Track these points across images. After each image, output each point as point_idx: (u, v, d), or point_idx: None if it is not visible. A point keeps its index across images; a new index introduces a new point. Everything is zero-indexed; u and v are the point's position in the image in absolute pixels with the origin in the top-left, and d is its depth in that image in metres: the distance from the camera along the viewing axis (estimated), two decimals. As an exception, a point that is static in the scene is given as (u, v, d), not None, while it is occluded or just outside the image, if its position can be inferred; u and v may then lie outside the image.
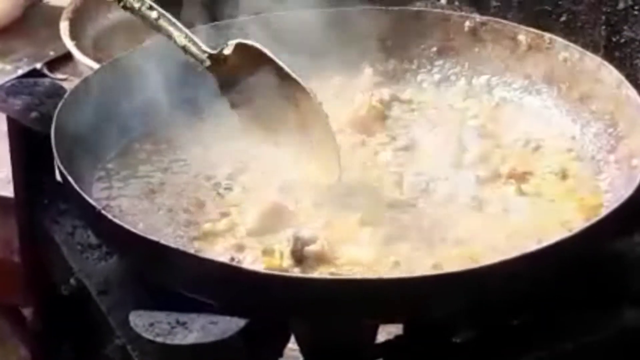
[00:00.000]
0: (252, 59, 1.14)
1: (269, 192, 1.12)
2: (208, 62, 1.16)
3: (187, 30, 1.17)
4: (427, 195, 1.12)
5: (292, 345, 1.09)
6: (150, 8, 1.18)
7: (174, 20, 1.18)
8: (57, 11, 1.94)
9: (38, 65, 1.90)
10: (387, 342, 1.09)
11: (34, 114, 1.20)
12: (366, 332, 1.08)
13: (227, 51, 1.15)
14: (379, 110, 1.24)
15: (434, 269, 1.02)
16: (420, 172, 1.15)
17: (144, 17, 1.18)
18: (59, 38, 1.82)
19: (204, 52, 1.16)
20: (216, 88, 1.18)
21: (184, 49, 1.16)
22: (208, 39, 1.21)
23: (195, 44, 1.16)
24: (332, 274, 1.03)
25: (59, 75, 1.88)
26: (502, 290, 0.99)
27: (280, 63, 1.12)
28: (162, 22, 1.18)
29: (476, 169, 1.16)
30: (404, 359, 1.06)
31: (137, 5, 1.18)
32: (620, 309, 1.06)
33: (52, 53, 1.92)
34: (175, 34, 1.17)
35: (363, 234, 1.07)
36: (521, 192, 1.13)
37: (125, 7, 1.20)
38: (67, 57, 1.85)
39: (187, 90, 1.26)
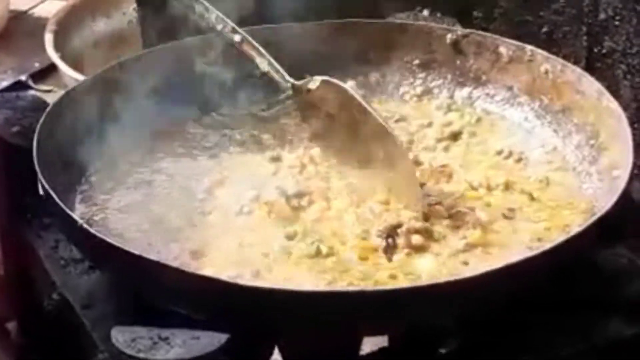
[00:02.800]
0: (335, 95, 1.16)
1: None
2: (290, 92, 1.19)
3: (270, 57, 1.20)
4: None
5: (277, 357, 1.09)
6: (234, 31, 1.20)
7: (256, 45, 1.21)
8: (42, 23, 1.94)
9: (22, 77, 1.90)
10: (372, 354, 1.09)
11: (15, 128, 1.20)
12: (351, 343, 1.08)
13: (313, 85, 1.18)
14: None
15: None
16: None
17: (227, 39, 1.21)
18: (44, 50, 1.82)
19: (287, 81, 1.19)
20: (297, 115, 1.21)
21: (267, 74, 1.20)
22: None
23: (278, 71, 1.20)
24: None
25: (44, 87, 1.88)
26: (482, 301, 0.99)
27: (365, 105, 1.13)
28: (245, 46, 1.21)
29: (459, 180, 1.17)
30: (389, 371, 1.06)
31: (219, 27, 1.20)
32: (603, 320, 1.06)
33: (36, 65, 1.92)
34: (258, 59, 1.21)
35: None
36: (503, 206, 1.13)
37: (208, 28, 1.21)
38: (52, 68, 1.85)
39: (170, 102, 1.26)
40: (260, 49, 1.20)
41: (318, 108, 1.18)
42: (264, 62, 1.20)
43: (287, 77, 1.19)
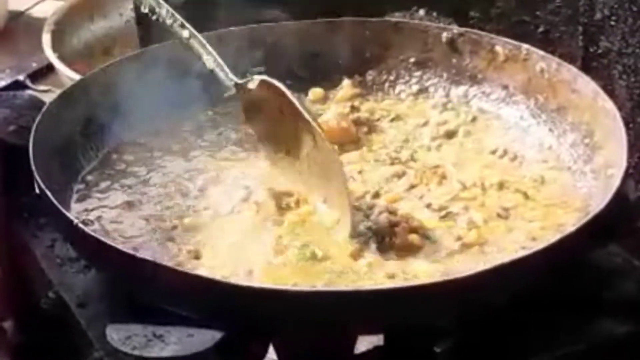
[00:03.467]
0: (274, 95, 1.15)
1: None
2: (234, 90, 1.18)
3: (216, 55, 1.20)
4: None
5: (272, 355, 1.09)
6: (182, 26, 1.21)
7: (204, 42, 1.20)
8: (40, 23, 1.94)
9: (20, 77, 1.91)
10: (367, 353, 1.09)
11: (12, 127, 1.20)
12: (346, 342, 1.08)
13: (252, 85, 1.17)
14: (356, 122, 1.25)
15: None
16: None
17: (176, 34, 1.21)
18: (41, 50, 1.83)
19: (231, 79, 1.19)
20: (241, 113, 1.20)
21: (212, 72, 1.19)
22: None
23: (222, 69, 1.19)
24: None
25: (41, 87, 1.88)
26: (476, 300, 0.99)
27: (300, 107, 1.12)
28: (193, 42, 1.21)
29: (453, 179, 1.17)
30: (384, 370, 1.06)
31: (169, 21, 1.20)
32: (597, 319, 1.06)
33: (34, 65, 1.92)
34: (205, 56, 1.20)
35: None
36: (498, 205, 1.13)
37: (158, 21, 1.22)
38: (50, 68, 1.86)
39: (166, 101, 1.27)
40: (208, 46, 1.20)
41: (260, 108, 1.18)
42: (210, 60, 1.19)
43: (231, 76, 1.19)
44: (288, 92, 1.13)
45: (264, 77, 1.17)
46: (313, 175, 1.13)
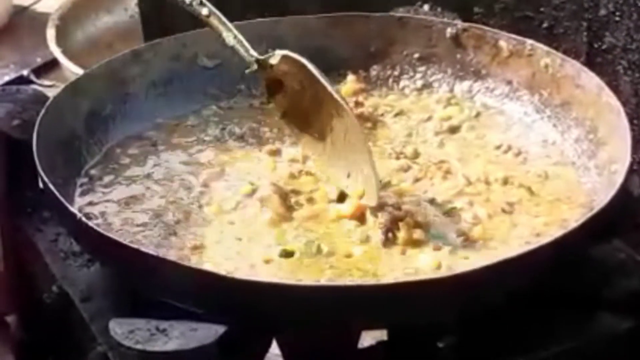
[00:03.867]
0: (297, 70, 1.15)
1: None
2: (255, 66, 1.17)
3: (236, 32, 1.18)
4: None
5: (275, 350, 1.09)
6: (201, 4, 1.19)
7: (224, 19, 1.19)
8: (44, 18, 1.95)
9: (25, 72, 1.91)
10: (371, 348, 1.09)
11: (16, 122, 1.20)
12: (349, 337, 1.08)
13: (274, 60, 1.16)
14: (360, 117, 1.24)
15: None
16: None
17: (195, 12, 1.19)
18: (46, 44, 1.83)
19: (252, 55, 1.17)
20: (263, 90, 1.19)
21: (232, 48, 1.18)
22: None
23: (243, 45, 1.18)
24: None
25: (46, 82, 1.88)
26: (480, 295, 0.99)
27: (322, 80, 1.12)
28: (213, 20, 1.19)
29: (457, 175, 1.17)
30: (388, 365, 1.06)
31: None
32: (601, 314, 1.06)
33: (38, 60, 1.93)
34: (225, 33, 1.18)
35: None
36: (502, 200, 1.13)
37: (177, 2, 1.19)
38: (54, 63, 1.86)
39: (170, 95, 1.27)
40: (227, 23, 1.18)
41: (282, 84, 1.17)
42: (230, 36, 1.18)
43: (252, 52, 1.18)
44: (310, 65, 1.13)
45: (286, 52, 1.16)
46: (336, 149, 1.13)
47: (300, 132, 1.18)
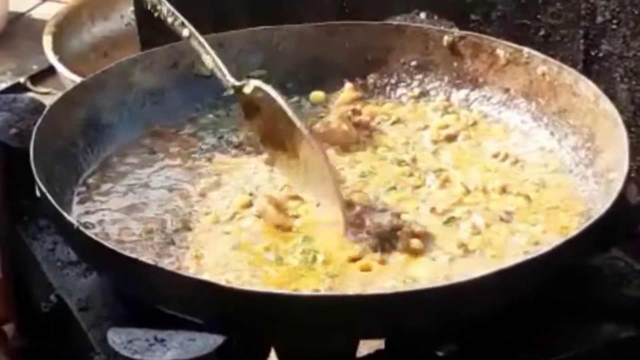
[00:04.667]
0: (268, 100, 1.16)
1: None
2: (232, 91, 1.19)
3: (214, 55, 1.20)
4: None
5: (274, 359, 1.09)
6: (183, 25, 1.20)
7: (203, 42, 1.20)
8: (41, 25, 1.95)
9: (21, 80, 1.91)
10: (368, 357, 1.09)
11: (13, 130, 1.20)
12: (347, 346, 1.08)
13: (247, 90, 1.18)
14: (357, 125, 1.25)
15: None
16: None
17: (177, 32, 1.21)
18: (42, 52, 1.83)
19: (228, 81, 1.19)
20: (240, 112, 1.21)
21: (212, 72, 1.20)
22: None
23: (220, 70, 1.19)
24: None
25: (42, 89, 1.88)
26: (478, 305, 0.99)
27: (290, 114, 1.13)
28: (193, 42, 1.20)
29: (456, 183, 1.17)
30: (386, 373, 1.06)
31: (170, 20, 1.20)
32: (599, 323, 1.06)
33: (35, 67, 1.93)
34: (204, 56, 1.20)
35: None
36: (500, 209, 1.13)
37: (160, 19, 1.22)
38: (50, 71, 1.86)
39: (167, 104, 1.27)
40: (207, 46, 1.20)
41: (258, 109, 1.18)
42: (208, 59, 1.19)
43: (228, 77, 1.19)
44: (280, 100, 1.14)
45: (258, 83, 1.18)
46: (309, 177, 1.14)
47: (277, 154, 1.18)
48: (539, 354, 1.03)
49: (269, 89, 1.16)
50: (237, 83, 1.19)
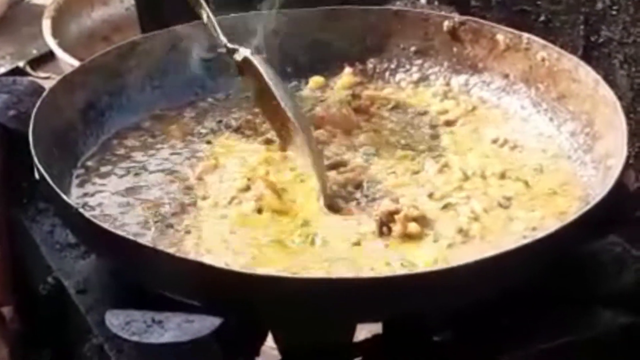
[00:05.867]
0: (255, 72, 1.18)
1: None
2: (224, 51, 1.22)
3: (209, 11, 1.23)
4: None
5: (270, 343, 1.09)
6: None
7: (204, 4, 1.22)
8: (40, 9, 1.95)
9: (20, 64, 1.91)
10: (366, 341, 1.09)
11: (12, 112, 1.20)
12: (344, 330, 1.08)
13: (238, 57, 1.21)
14: (356, 110, 1.25)
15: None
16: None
17: None
18: (42, 36, 1.83)
19: (221, 40, 1.22)
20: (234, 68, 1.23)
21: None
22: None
23: (215, 30, 1.22)
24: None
25: (42, 74, 1.88)
26: (476, 290, 0.99)
27: (274, 90, 1.16)
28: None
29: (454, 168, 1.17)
30: (383, 358, 1.06)
31: None
32: (595, 310, 1.06)
33: (34, 51, 1.93)
34: (199, 10, 1.22)
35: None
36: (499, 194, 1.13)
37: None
38: (50, 55, 1.86)
39: (166, 88, 1.27)
40: (207, 8, 1.23)
41: (253, 75, 1.20)
42: (204, 15, 1.22)
43: (222, 37, 1.22)
44: (266, 77, 1.16)
45: (248, 54, 1.20)
46: (296, 149, 1.16)
47: (271, 122, 1.20)
48: (536, 340, 1.03)
49: (257, 62, 1.18)
50: (230, 45, 1.21)
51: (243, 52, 1.20)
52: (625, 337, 1.06)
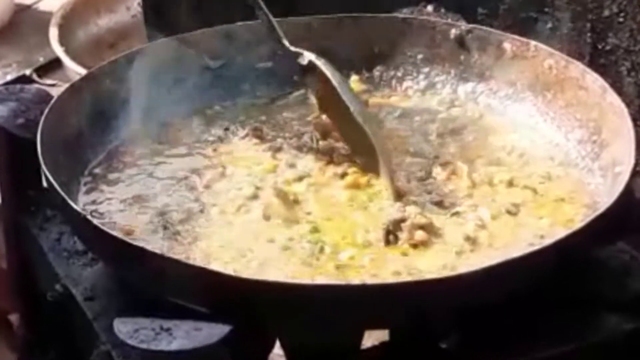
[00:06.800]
0: (320, 76, 1.19)
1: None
2: (285, 54, 1.23)
3: (271, 17, 1.23)
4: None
5: (278, 350, 1.09)
6: None
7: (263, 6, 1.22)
8: (47, 17, 1.95)
9: (27, 72, 1.91)
10: (373, 348, 1.09)
11: (20, 120, 1.21)
12: (352, 337, 1.08)
13: (302, 61, 1.21)
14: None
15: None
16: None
17: None
18: (48, 44, 1.83)
19: (285, 45, 1.22)
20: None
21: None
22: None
23: (277, 32, 1.23)
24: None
25: (48, 81, 1.88)
26: (483, 297, 0.99)
27: (341, 94, 1.17)
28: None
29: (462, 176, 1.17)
30: (390, 365, 1.06)
31: None
32: (605, 316, 1.06)
33: (41, 59, 1.93)
34: (261, 16, 1.22)
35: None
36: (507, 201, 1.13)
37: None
38: (56, 63, 1.86)
39: (173, 95, 1.27)
40: (262, 5, 1.22)
41: (318, 77, 1.20)
42: (265, 19, 1.22)
43: (285, 41, 1.22)
44: (333, 80, 1.17)
45: (313, 57, 1.20)
46: (359, 150, 1.17)
47: (338, 126, 1.21)
48: (541, 347, 1.03)
49: (322, 65, 1.18)
50: (294, 49, 1.21)
51: (308, 56, 1.20)
52: (631, 343, 1.06)
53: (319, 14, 1.33)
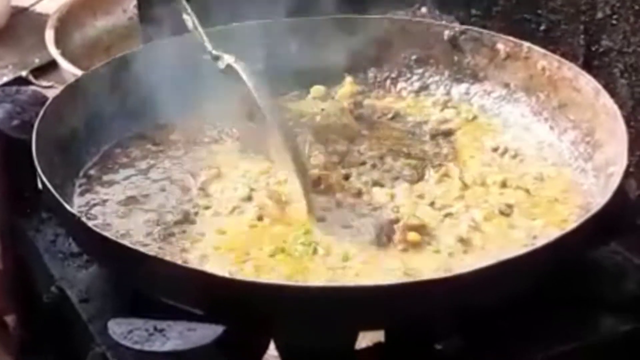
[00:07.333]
0: (240, 80, 1.17)
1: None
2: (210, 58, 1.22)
3: (195, 20, 1.23)
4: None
5: (272, 351, 1.10)
6: None
7: (186, 5, 1.23)
8: (43, 19, 1.95)
9: (23, 73, 1.91)
10: (368, 349, 1.09)
11: (15, 122, 1.21)
12: (347, 338, 1.08)
13: (221, 65, 1.20)
14: (357, 118, 1.25)
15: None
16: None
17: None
18: (44, 46, 1.83)
19: (206, 47, 1.22)
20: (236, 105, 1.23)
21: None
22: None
23: (200, 34, 1.22)
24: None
25: (44, 83, 1.88)
26: (477, 298, 0.99)
27: (257, 98, 1.15)
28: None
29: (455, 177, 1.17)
30: (385, 366, 1.06)
31: None
32: (597, 317, 1.06)
33: (37, 61, 1.93)
34: (185, 16, 1.23)
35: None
36: (500, 202, 1.14)
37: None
38: (53, 64, 1.86)
39: (168, 96, 1.27)
40: (188, 8, 1.23)
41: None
42: (189, 21, 1.22)
43: (207, 43, 1.22)
44: (249, 83, 1.16)
45: (232, 61, 1.19)
46: (279, 157, 1.16)
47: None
48: (537, 348, 1.03)
49: (240, 69, 1.18)
50: (215, 52, 1.20)
51: (227, 59, 1.20)
52: (628, 344, 1.06)
53: (314, 16, 1.33)
